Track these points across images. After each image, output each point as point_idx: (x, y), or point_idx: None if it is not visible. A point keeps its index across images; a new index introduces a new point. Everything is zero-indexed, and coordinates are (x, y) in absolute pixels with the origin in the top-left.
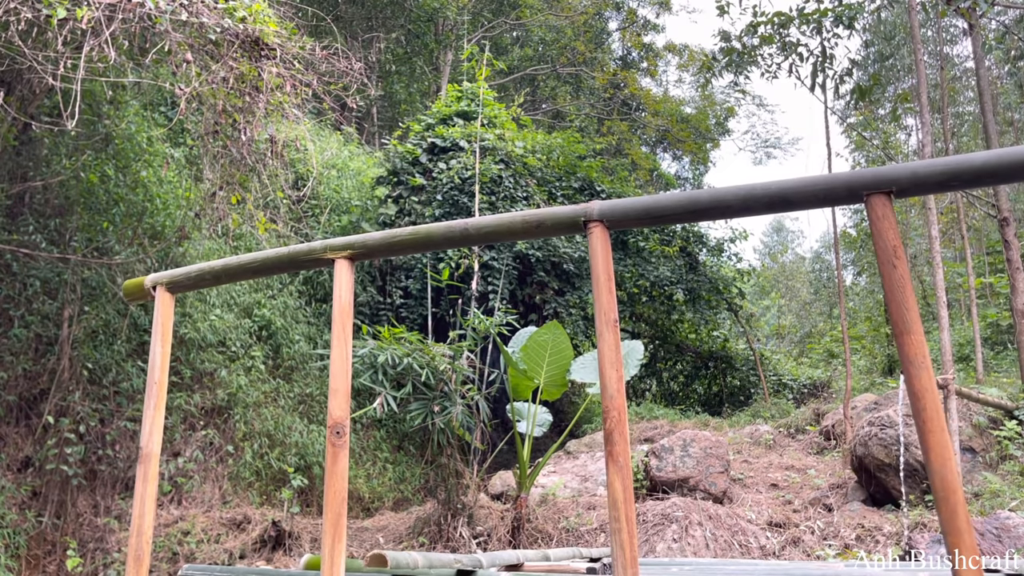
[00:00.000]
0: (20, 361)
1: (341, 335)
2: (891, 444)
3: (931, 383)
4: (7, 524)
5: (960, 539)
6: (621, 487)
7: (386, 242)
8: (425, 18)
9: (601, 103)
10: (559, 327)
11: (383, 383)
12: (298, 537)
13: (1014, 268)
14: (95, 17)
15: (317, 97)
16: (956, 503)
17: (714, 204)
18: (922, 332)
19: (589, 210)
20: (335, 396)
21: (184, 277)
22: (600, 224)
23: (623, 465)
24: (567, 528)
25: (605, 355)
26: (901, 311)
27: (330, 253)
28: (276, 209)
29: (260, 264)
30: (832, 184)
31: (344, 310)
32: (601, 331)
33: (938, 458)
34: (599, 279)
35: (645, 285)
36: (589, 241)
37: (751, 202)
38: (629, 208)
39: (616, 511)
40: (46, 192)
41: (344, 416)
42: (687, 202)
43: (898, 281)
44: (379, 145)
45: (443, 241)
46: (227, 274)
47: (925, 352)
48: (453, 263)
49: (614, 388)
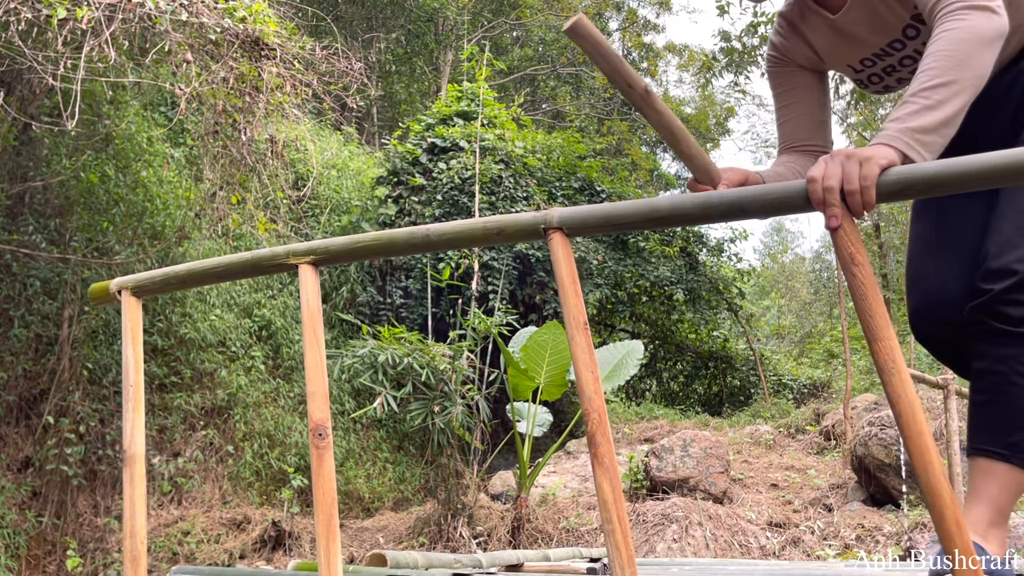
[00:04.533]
0: (20, 361)
1: (312, 339)
2: (891, 444)
3: (904, 388)
4: (7, 524)
5: (951, 541)
6: (610, 488)
7: (349, 247)
8: (425, 18)
9: (601, 103)
10: (559, 327)
11: (383, 383)
12: (298, 537)
13: None
14: (95, 17)
15: (317, 97)
16: (943, 506)
17: (673, 212)
18: (893, 337)
19: (549, 217)
20: (313, 399)
21: (149, 281)
22: (559, 231)
23: (609, 466)
24: (567, 528)
25: (579, 358)
26: (867, 318)
27: (293, 259)
28: (276, 209)
29: (224, 269)
30: (787, 193)
31: (312, 314)
32: (572, 335)
33: (920, 462)
34: (564, 284)
35: (645, 285)
36: (551, 247)
37: (709, 210)
38: (588, 215)
39: (607, 512)
40: (46, 192)
41: (325, 418)
42: (647, 210)
43: (858, 288)
44: (379, 145)
45: (405, 247)
46: (192, 278)
47: (896, 357)
48: (453, 263)
49: (591, 390)
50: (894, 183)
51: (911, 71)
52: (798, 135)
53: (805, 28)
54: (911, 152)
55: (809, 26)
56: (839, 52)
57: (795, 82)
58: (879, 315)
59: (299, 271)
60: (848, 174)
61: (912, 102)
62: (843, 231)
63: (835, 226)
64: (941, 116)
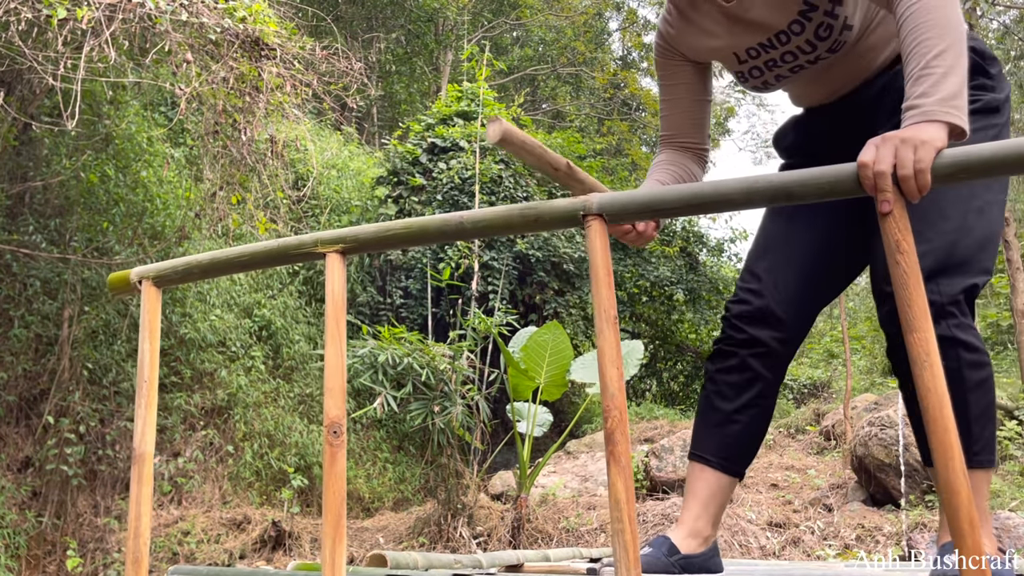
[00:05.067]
0: (20, 361)
1: (335, 332)
2: (891, 444)
3: (935, 382)
4: (7, 524)
5: (963, 540)
6: (623, 487)
7: (379, 235)
8: (425, 18)
9: (601, 103)
10: (559, 327)
11: (383, 383)
12: (298, 537)
13: (1014, 268)
14: (95, 17)
15: (317, 97)
16: (959, 504)
17: (717, 197)
18: (929, 329)
19: (588, 203)
20: (331, 395)
21: (171, 271)
22: (599, 218)
23: (625, 465)
24: (567, 528)
25: (606, 353)
26: (905, 308)
27: (321, 247)
28: (276, 209)
29: (249, 258)
30: (838, 176)
31: (337, 305)
32: (601, 328)
33: (943, 458)
34: (598, 275)
35: (645, 285)
36: (587, 235)
37: (754, 195)
38: (629, 201)
39: (618, 511)
40: (46, 192)
41: (341, 415)
42: (690, 195)
43: (900, 277)
44: (379, 145)
45: (438, 235)
46: (215, 268)
47: (930, 350)
48: (453, 263)
49: (615, 387)
50: (949, 166)
51: (791, 68)
52: (677, 130)
53: (695, 15)
54: (956, 120)
55: (700, 13)
56: (726, 41)
57: (678, 77)
58: (918, 306)
59: (326, 260)
60: (902, 159)
61: (928, 74)
62: (893, 217)
63: (887, 211)
64: (959, 78)
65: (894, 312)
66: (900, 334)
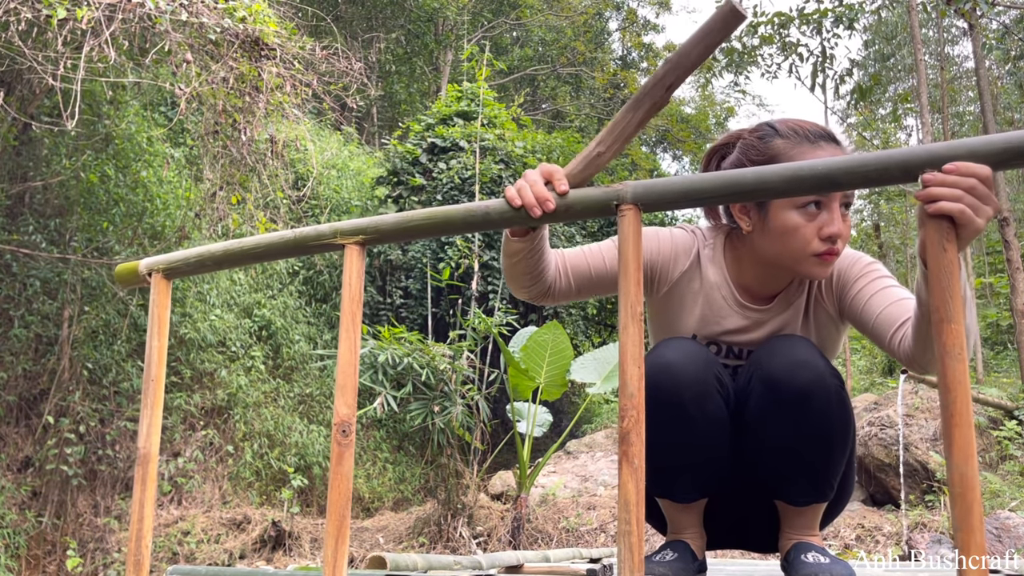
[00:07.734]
0: (20, 361)
1: (350, 326)
2: (891, 444)
3: (965, 376)
4: (7, 524)
5: (971, 537)
6: (635, 489)
7: (400, 226)
8: (425, 18)
9: (601, 103)
10: (559, 327)
11: (383, 383)
12: (298, 537)
13: (1014, 268)
14: (95, 17)
15: (317, 97)
16: (972, 501)
17: (758, 185)
18: (962, 322)
19: (622, 192)
20: (342, 392)
21: (183, 262)
22: (634, 207)
23: (638, 467)
24: (567, 528)
25: (628, 350)
26: (945, 298)
27: (340, 238)
28: (276, 209)
29: (264, 249)
30: (885, 163)
31: (354, 299)
32: (625, 324)
33: (961, 453)
34: (628, 267)
35: None
36: (619, 225)
37: (796, 183)
38: (665, 190)
39: (627, 513)
40: (46, 192)
41: (351, 414)
42: (729, 183)
43: (947, 267)
44: (379, 145)
45: (462, 225)
46: (229, 259)
47: (963, 343)
48: (453, 263)
49: (635, 386)
50: (1002, 151)
51: (750, 349)
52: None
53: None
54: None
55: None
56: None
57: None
58: (957, 297)
59: (345, 252)
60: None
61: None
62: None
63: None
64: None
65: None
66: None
